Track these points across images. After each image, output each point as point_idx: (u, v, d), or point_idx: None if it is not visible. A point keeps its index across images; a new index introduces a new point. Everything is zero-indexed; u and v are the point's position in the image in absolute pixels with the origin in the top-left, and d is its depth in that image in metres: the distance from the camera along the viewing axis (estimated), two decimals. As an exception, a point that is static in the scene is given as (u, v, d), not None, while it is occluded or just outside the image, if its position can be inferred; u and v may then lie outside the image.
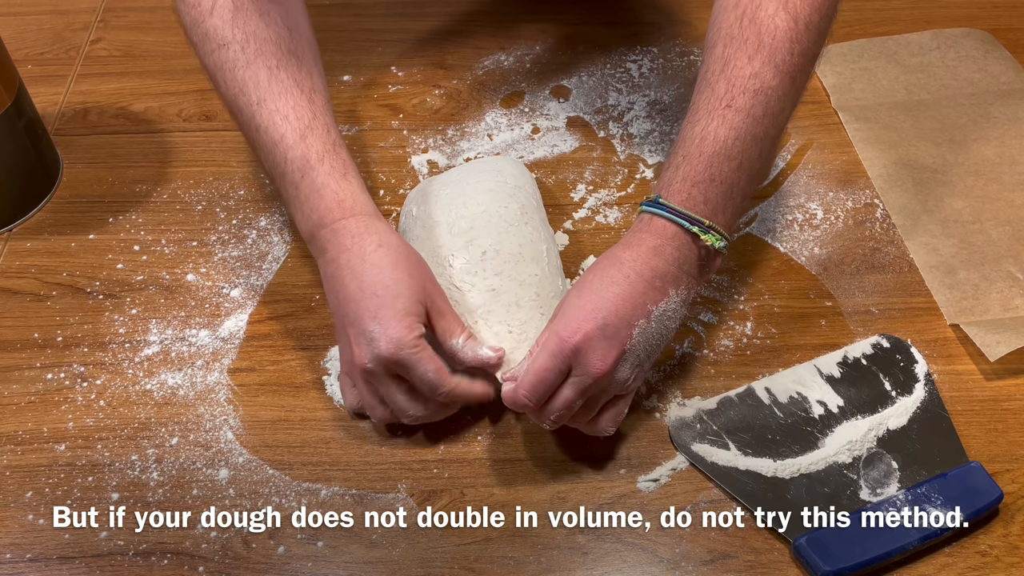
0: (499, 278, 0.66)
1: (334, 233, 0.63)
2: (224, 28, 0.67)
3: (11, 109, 0.76)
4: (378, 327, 0.59)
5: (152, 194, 0.83)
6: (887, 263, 0.77)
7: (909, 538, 0.58)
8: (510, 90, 0.94)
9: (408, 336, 0.59)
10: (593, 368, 0.57)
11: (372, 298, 0.60)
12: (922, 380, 0.67)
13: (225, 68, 0.67)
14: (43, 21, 1.02)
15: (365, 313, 0.60)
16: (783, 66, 0.62)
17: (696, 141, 0.61)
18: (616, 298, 0.58)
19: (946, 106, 0.91)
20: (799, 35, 0.63)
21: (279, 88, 0.66)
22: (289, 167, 0.64)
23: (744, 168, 0.62)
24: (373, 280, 0.60)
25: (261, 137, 0.66)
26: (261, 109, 0.65)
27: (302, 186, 0.64)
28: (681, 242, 0.60)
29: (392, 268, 0.61)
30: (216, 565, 0.58)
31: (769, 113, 0.62)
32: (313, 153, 0.64)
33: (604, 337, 0.57)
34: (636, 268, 0.59)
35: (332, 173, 0.64)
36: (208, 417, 0.66)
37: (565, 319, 0.58)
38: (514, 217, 0.71)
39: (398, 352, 0.58)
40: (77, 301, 0.74)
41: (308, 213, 0.64)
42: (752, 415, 0.65)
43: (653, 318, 0.59)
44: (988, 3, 1.04)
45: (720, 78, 0.62)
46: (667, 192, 0.61)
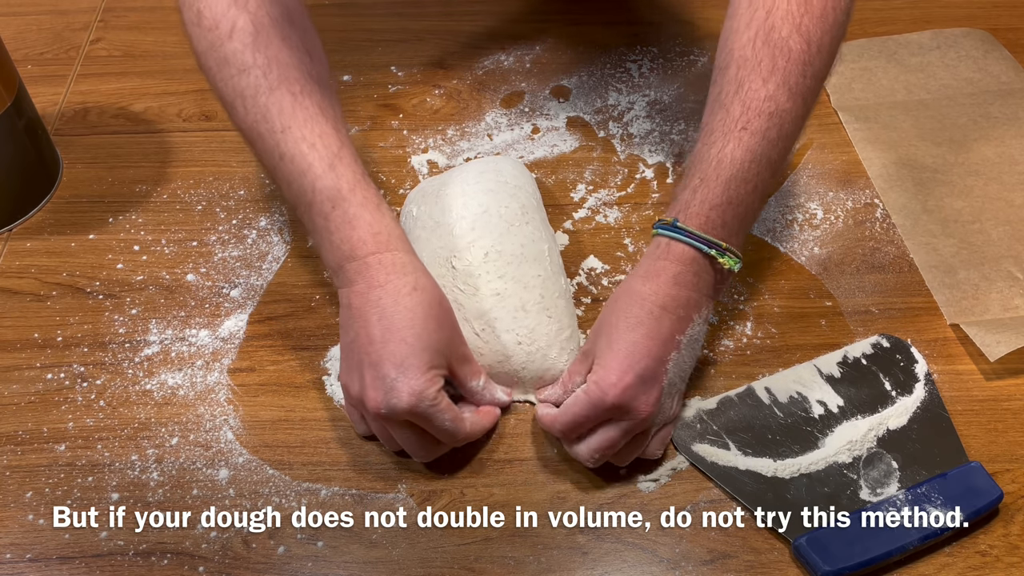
0: (502, 281, 0.66)
1: (367, 267, 0.61)
2: (245, 52, 0.64)
3: (11, 109, 0.76)
4: (401, 378, 0.57)
5: (152, 194, 0.83)
6: (887, 263, 0.77)
7: (909, 538, 0.58)
8: (510, 90, 0.94)
9: (430, 390, 0.58)
10: (640, 414, 0.59)
11: (400, 344, 0.58)
12: (922, 380, 0.67)
13: (246, 94, 0.64)
14: (43, 21, 1.02)
15: (389, 359, 0.58)
16: (796, 88, 0.62)
17: (713, 164, 0.61)
18: (646, 339, 0.59)
19: (946, 106, 0.91)
20: (812, 57, 0.63)
21: (304, 115, 0.63)
22: (318, 197, 0.62)
23: (758, 190, 0.62)
24: (403, 326, 0.59)
25: (286, 166, 0.63)
26: (286, 137, 0.63)
27: (332, 216, 0.61)
28: (700, 267, 0.61)
29: (424, 317, 0.59)
30: (216, 565, 0.58)
31: (782, 135, 0.62)
32: (344, 183, 0.62)
33: (643, 383, 0.58)
34: (659, 302, 0.60)
35: (365, 204, 0.62)
36: (208, 417, 0.66)
37: (604, 371, 0.59)
38: (515, 217, 0.71)
39: (418, 405, 0.58)
40: (77, 301, 0.74)
41: (338, 244, 0.61)
42: (752, 415, 0.65)
43: (683, 347, 0.61)
44: (988, 3, 1.04)
45: (735, 100, 0.62)
46: (685, 216, 0.61)
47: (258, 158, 0.66)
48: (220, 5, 0.64)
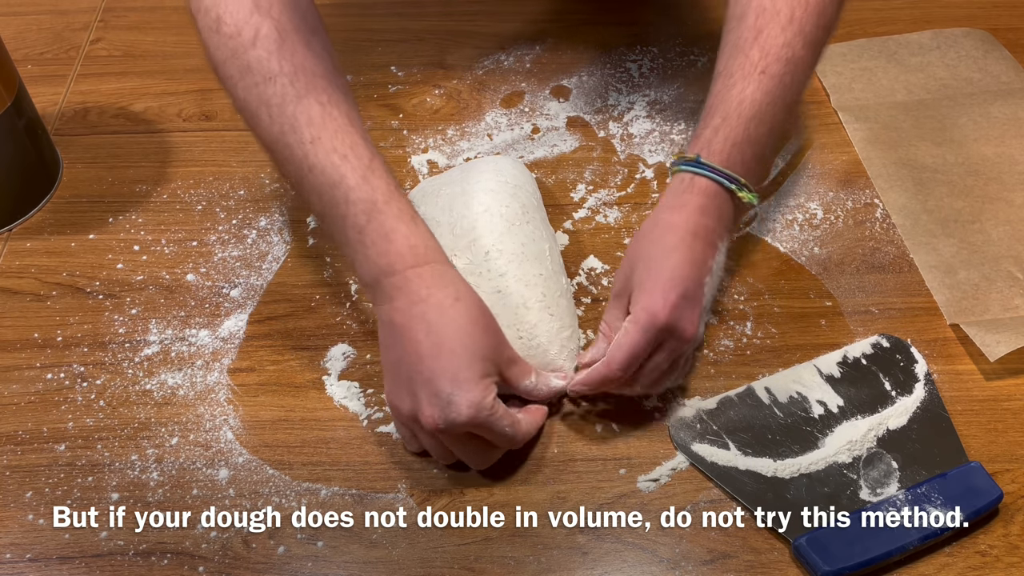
0: (504, 279, 0.66)
1: (406, 281, 0.59)
2: (270, 60, 0.62)
3: (11, 109, 0.76)
4: (457, 391, 0.57)
5: (152, 194, 0.83)
6: (887, 263, 0.77)
7: (909, 538, 0.58)
8: (510, 90, 0.94)
9: (487, 399, 0.58)
10: (686, 333, 0.61)
11: (451, 358, 0.58)
12: (922, 380, 0.67)
13: (272, 103, 0.62)
14: (43, 21, 1.02)
15: (442, 374, 0.57)
16: (810, 37, 0.66)
17: (734, 104, 0.65)
18: (685, 263, 0.62)
19: (946, 106, 0.91)
20: (825, 8, 0.67)
21: (334, 125, 0.61)
22: (351, 209, 0.60)
23: (774, 131, 0.66)
24: (452, 338, 0.58)
25: (316, 177, 0.61)
26: (316, 148, 0.61)
27: (368, 229, 0.60)
28: (722, 200, 0.64)
29: (471, 325, 0.59)
30: (216, 565, 0.59)
31: (796, 81, 0.66)
32: (379, 195, 0.60)
33: (688, 305, 0.61)
34: (690, 229, 0.63)
35: (401, 216, 0.60)
36: (208, 417, 0.66)
37: (649, 295, 0.61)
38: (515, 216, 0.71)
39: (477, 416, 0.57)
40: (77, 301, 0.74)
41: (374, 258, 0.60)
42: (752, 415, 0.65)
43: (712, 271, 0.64)
44: (988, 3, 1.04)
45: (754, 45, 0.65)
46: (708, 152, 0.64)
47: (281, 168, 0.64)
48: (242, 11, 0.62)
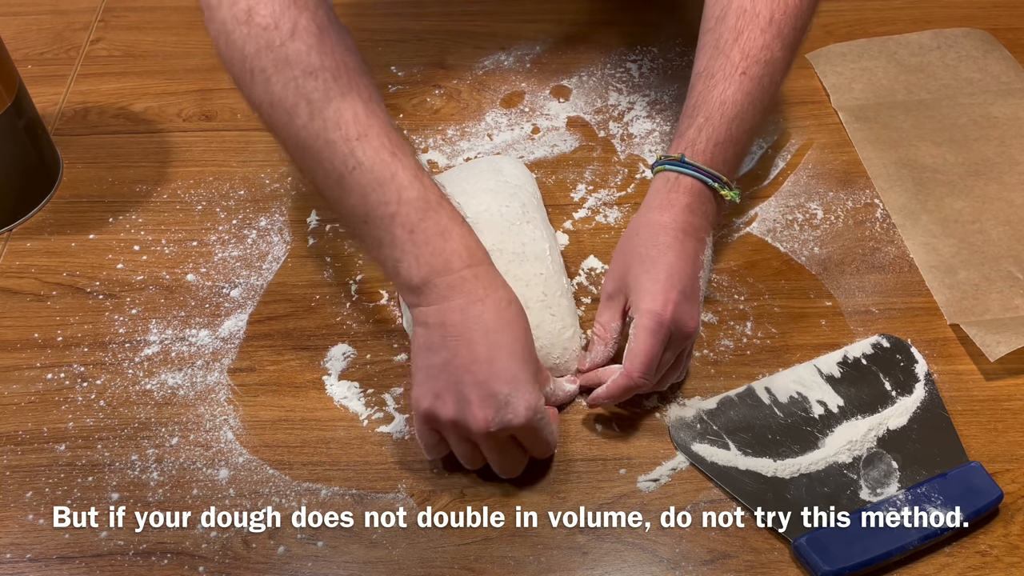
0: (504, 279, 0.66)
1: (463, 281, 0.58)
2: (311, 54, 0.59)
3: (11, 109, 0.76)
4: (515, 393, 0.56)
5: (152, 194, 0.83)
6: (887, 263, 0.77)
7: (909, 538, 0.58)
8: (510, 90, 0.94)
9: (541, 402, 0.58)
10: (689, 329, 0.63)
11: (509, 360, 0.57)
12: (922, 380, 0.67)
13: (313, 99, 0.59)
14: (43, 21, 1.02)
15: (499, 376, 0.56)
16: (788, 40, 0.68)
17: (717, 105, 0.67)
18: (679, 260, 0.64)
19: (946, 106, 0.91)
20: (803, 12, 0.69)
21: (380, 123, 0.59)
22: (403, 207, 0.58)
23: (753, 131, 0.69)
24: (509, 341, 0.58)
25: (361, 175, 0.58)
26: (364, 144, 0.58)
27: (420, 228, 0.58)
28: (706, 198, 0.67)
29: (524, 330, 0.59)
30: (216, 565, 0.58)
31: (774, 82, 0.68)
32: (432, 194, 0.59)
33: (687, 300, 0.63)
34: (681, 227, 0.65)
35: (454, 216, 0.60)
36: (208, 417, 0.66)
37: (650, 297, 0.62)
38: (516, 216, 0.71)
39: (533, 418, 0.57)
40: (77, 301, 0.74)
41: (427, 258, 0.58)
42: (752, 415, 0.65)
43: (703, 266, 0.66)
44: (988, 3, 1.04)
45: (734, 47, 0.67)
46: (692, 152, 0.67)
47: (316, 167, 0.60)
48: (278, 3, 0.59)
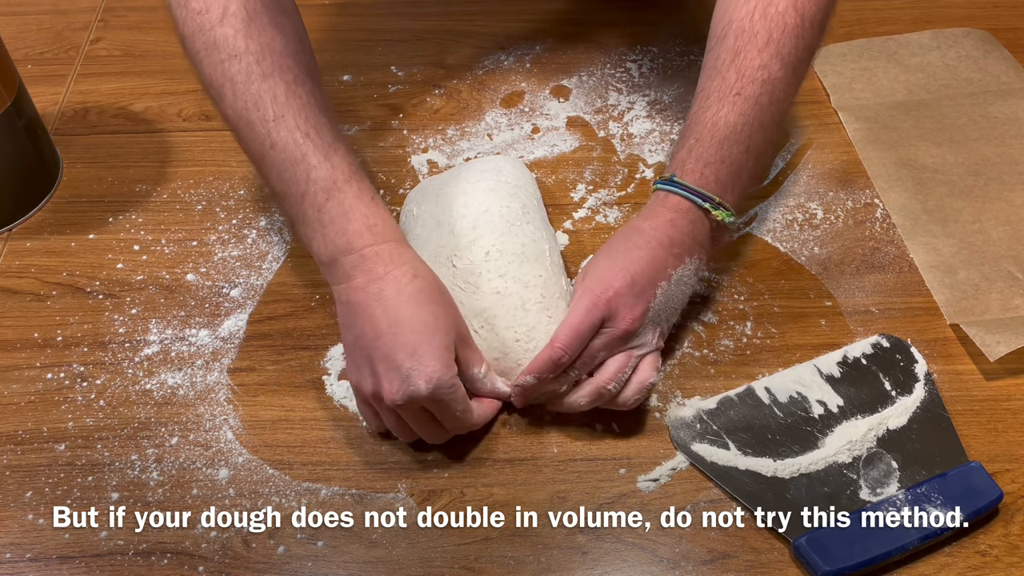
0: (503, 280, 0.66)
1: (363, 259, 0.61)
2: (237, 38, 0.63)
3: (11, 109, 0.76)
4: (417, 365, 0.58)
5: (152, 194, 0.83)
6: (887, 263, 0.77)
7: (909, 538, 0.58)
8: (510, 90, 0.94)
9: (446, 375, 0.59)
10: (623, 322, 0.61)
11: (410, 334, 0.59)
12: (922, 380, 0.67)
13: (236, 80, 0.63)
14: (43, 21, 1.02)
15: (401, 349, 0.58)
16: (788, 58, 0.67)
17: (708, 126, 0.66)
18: (641, 260, 0.63)
19: (946, 106, 0.91)
20: (805, 31, 0.68)
21: (298, 104, 0.63)
22: (312, 187, 0.62)
23: (751, 151, 0.67)
24: (411, 314, 0.59)
25: (277, 155, 0.63)
26: (279, 126, 0.62)
27: (327, 208, 0.62)
28: (694, 216, 0.65)
29: (429, 302, 0.60)
30: (216, 565, 0.59)
31: (775, 102, 0.67)
32: (340, 174, 0.62)
33: (633, 294, 0.62)
34: (656, 236, 0.64)
35: (361, 196, 0.62)
36: (208, 417, 0.66)
37: (597, 279, 0.62)
38: (516, 216, 0.71)
39: (436, 391, 0.58)
40: (77, 301, 0.74)
41: (332, 237, 0.61)
42: (752, 415, 0.65)
43: (672, 281, 0.64)
44: (988, 3, 1.04)
45: (731, 67, 0.67)
46: (681, 171, 0.66)
47: (244, 146, 0.66)
48: None
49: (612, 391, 0.62)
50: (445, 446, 0.64)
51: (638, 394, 0.63)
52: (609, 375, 0.62)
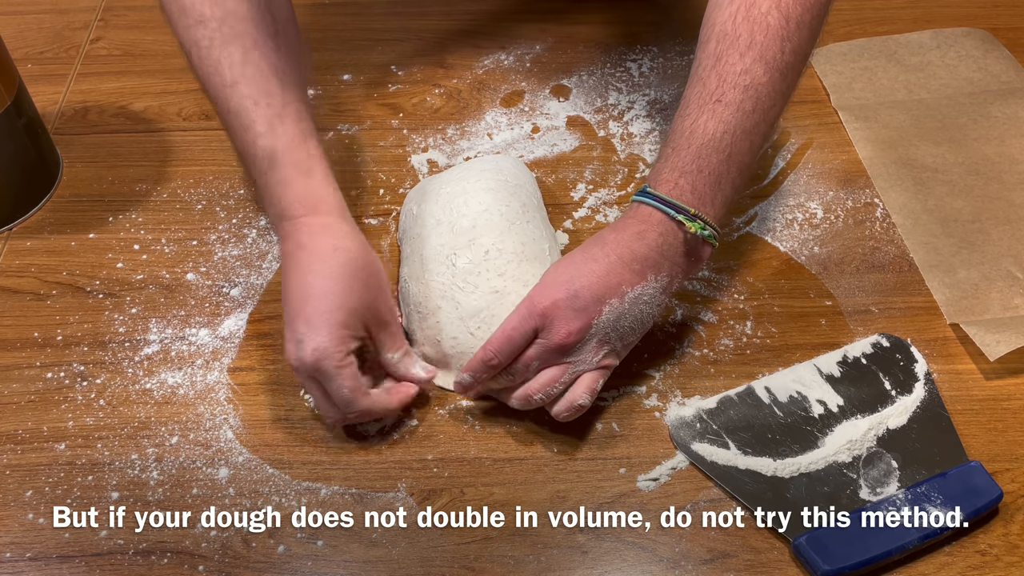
0: (503, 279, 0.66)
1: (295, 228, 0.64)
2: (202, 4, 0.65)
3: (11, 108, 0.76)
4: (309, 333, 0.60)
5: (152, 193, 0.83)
6: (887, 262, 0.77)
7: (909, 537, 0.58)
8: (510, 89, 0.94)
9: (334, 349, 0.60)
10: (556, 335, 0.60)
11: (311, 302, 0.61)
12: (922, 379, 0.67)
13: (200, 45, 0.66)
14: (43, 20, 1.02)
15: (300, 315, 0.61)
16: (773, 63, 0.64)
17: (686, 134, 0.63)
18: (592, 274, 0.61)
19: (946, 105, 0.91)
20: (790, 33, 0.64)
21: (252, 71, 0.65)
22: (258, 155, 0.65)
23: (734, 160, 0.63)
24: (318, 284, 0.61)
25: (232, 120, 0.66)
26: (233, 92, 0.65)
27: (269, 176, 0.65)
28: (665, 229, 0.62)
29: (340, 276, 0.62)
30: (216, 564, 0.59)
31: (759, 108, 0.64)
32: (280, 144, 0.64)
33: (572, 308, 0.60)
34: (617, 250, 0.61)
35: (298, 167, 0.64)
36: (208, 416, 0.66)
37: (541, 286, 0.62)
38: (516, 216, 0.71)
39: (320, 362, 0.60)
40: (77, 300, 0.74)
41: (274, 203, 0.65)
42: (752, 414, 0.65)
43: (627, 299, 0.61)
44: (988, 2, 1.04)
45: (712, 73, 0.64)
46: (655, 182, 0.63)
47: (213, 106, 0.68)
48: None
49: (539, 401, 0.62)
50: (446, 445, 0.64)
51: (567, 411, 0.62)
52: (537, 385, 0.62)
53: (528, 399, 0.62)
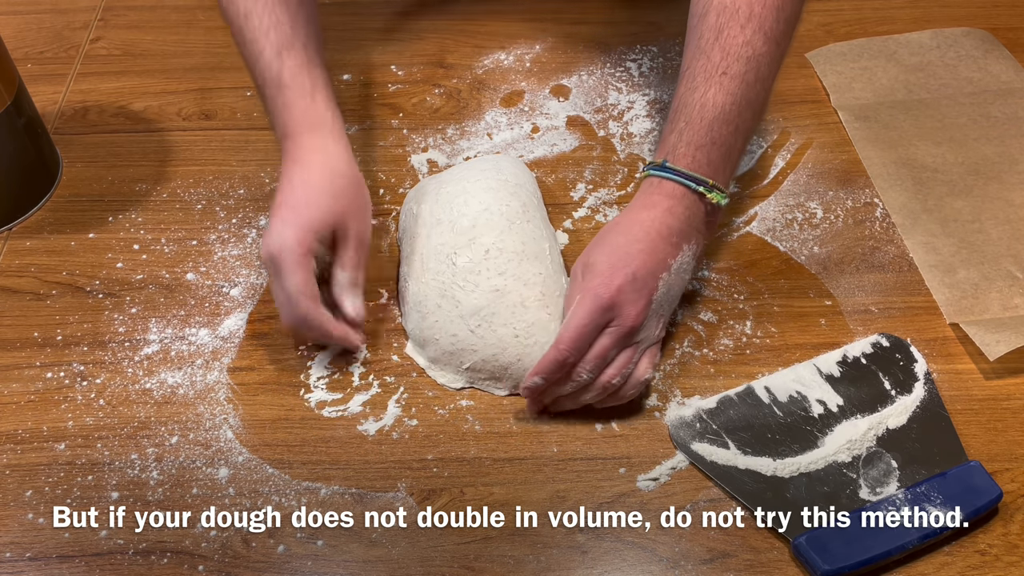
0: (503, 277, 0.67)
1: (295, 145, 0.69)
2: None
3: (11, 108, 0.76)
4: (279, 228, 0.65)
5: (152, 193, 0.83)
6: (887, 262, 0.77)
7: (908, 537, 0.58)
8: (510, 89, 0.94)
9: (294, 244, 0.64)
10: (628, 318, 0.62)
11: (293, 207, 0.66)
12: (922, 379, 0.67)
13: None
14: (43, 20, 1.02)
15: (277, 214, 0.66)
16: (771, 33, 0.67)
17: (697, 108, 0.66)
18: (641, 253, 0.63)
19: (946, 105, 0.91)
20: (785, 3, 0.68)
21: (264, 2, 0.71)
22: (268, 80, 0.71)
23: (740, 130, 0.67)
24: (299, 192, 0.67)
25: (248, 49, 0.72)
26: (248, 23, 0.71)
27: (276, 100, 0.70)
28: (690, 201, 0.66)
29: (318, 187, 0.67)
30: (216, 564, 0.59)
31: (760, 78, 0.67)
32: (286, 71, 0.70)
33: (635, 289, 0.62)
34: (655, 227, 0.65)
35: (302, 92, 0.70)
36: (208, 416, 0.66)
37: (599, 277, 0.63)
38: (516, 215, 0.71)
39: (278, 254, 0.64)
40: (77, 300, 0.74)
41: (279, 125, 0.71)
42: (752, 414, 0.65)
43: (672, 271, 0.65)
44: (988, 2, 1.04)
45: (715, 46, 0.67)
46: (673, 156, 0.66)
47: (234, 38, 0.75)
48: None
49: (616, 385, 0.63)
50: (446, 444, 0.64)
51: (635, 388, 0.65)
52: (614, 370, 0.63)
53: (606, 387, 0.63)
